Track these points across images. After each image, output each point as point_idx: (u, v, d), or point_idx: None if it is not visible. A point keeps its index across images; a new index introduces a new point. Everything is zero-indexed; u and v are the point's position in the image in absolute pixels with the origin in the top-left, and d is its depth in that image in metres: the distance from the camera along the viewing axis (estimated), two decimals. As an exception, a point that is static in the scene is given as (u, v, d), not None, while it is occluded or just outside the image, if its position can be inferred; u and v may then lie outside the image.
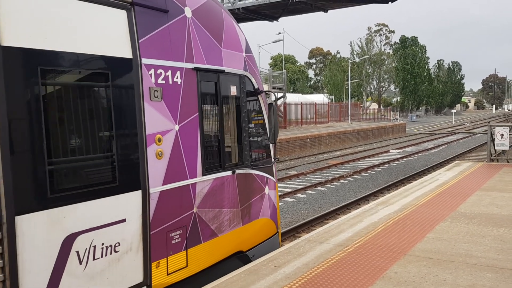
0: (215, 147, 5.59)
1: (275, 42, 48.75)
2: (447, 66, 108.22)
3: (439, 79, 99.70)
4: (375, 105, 76.28)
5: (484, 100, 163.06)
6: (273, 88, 34.29)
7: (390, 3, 25.96)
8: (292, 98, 49.74)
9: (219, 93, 5.57)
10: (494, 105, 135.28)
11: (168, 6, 4.85)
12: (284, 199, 14.22)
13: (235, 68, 5.90)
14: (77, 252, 3.92)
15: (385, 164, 22.64)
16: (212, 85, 5.50)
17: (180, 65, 4.97)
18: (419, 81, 79.49)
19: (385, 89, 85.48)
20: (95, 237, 4.06)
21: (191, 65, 5.12)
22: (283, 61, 60.40)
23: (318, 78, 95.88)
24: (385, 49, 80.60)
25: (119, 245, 4.28)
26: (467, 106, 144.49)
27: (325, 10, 28.10)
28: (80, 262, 3.95)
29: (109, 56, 4.21)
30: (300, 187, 15.87)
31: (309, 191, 15.53)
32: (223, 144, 5.65)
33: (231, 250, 5.84)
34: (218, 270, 5.52)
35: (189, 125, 5.02)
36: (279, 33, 50.23)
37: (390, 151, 28.82)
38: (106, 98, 4.23)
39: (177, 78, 4.91)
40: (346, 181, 17.68)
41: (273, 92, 6.31)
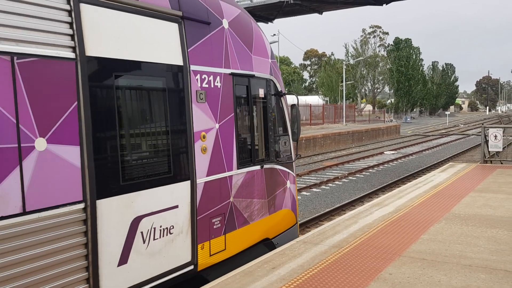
0: (247, 143, 6.23)
1: (270, 43, 48.76)
2: (441, 68, 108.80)
3: (433, 81, 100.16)
4: (369, 107, 76.51)
5: (477, 101, 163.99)
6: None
7: (384, 5, 26.07)
8: (287, 99, 49.66)
9: (250, 95, 6.23)
10: (487, 107, 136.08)
11: (209, 19, 5.47)
12: (279, 200, 14.20)
13: (262, 73, 6.54)
14: (141, 233, 4.55)
15: (379, 165, 22.71)
16: (244, 88, 6.14)
17: (220, 70, 5.61)
18: (413, 83, 79.81)
19: (379, 90, 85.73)
20: (155, 220, 4.70)
21: (228, 71, 5.77)
22: (278, 63, 60.50)
23: (313, 79, 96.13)
24: (379, 51, 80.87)
25: (173, 228, 4.92)
26: (461, 108, 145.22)
27: (320, 12, 28.19)
28: (144, 241, 4.58)
29: (165, 63, 4.85)
30: (295, 188, 15.87)
31: (304, 193, 15.55)
32: (253, 141, 6.30)
33: (260, 237, 6.49)
34: (249, 255, 6.16)
35: (226, 124, 5.69)
36: (274, 34, 50.39)
37: (385, 152, 28.92)
38: (163, 100, 4.87)
39: (217, 82, 5.57)
40: (340, 183, 17.72)
41: (295, 94, 7.19)
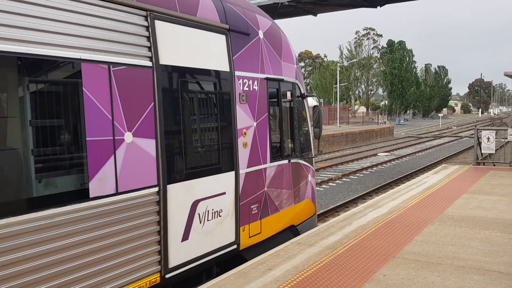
0: (277, 140, 7.02)
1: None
2: (434, 70, 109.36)
3: (426, 83, 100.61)
4: (363, 109, 76.73)
5: (470, 104, 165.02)
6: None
7: (378, 7, 26.18)
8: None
9: (279, 97, 7.00)
10: (480, 109, 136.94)
11: (249, 30, 6.31)
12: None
13: (290, 77, 7.33)
14: (198, 214, 5.32)
15: (373, 167, 22.77)
16: (275, 91, 6.91)
17: (257, 75, 6.42)
18: (406, 85, 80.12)
19: (373, 92, 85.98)
20: (209, 204, 5.46)
21: (263, 76, 6.57)
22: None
23: (307, 81, 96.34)
24: (373, 53, 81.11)
25: (221, 211, 5.69)
26: (454, 110, 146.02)
27: (314, 14, 28.24)
28: (200, 222, 5.35)
29: (216, 70, 5.66)
30: (289, 190, 15.87)
31: (298, 194, 15.53)
32: (282, 138, 7.09)
33: (287, 224, 7.25)
34: (278, 239, 6.87)
35: (262, 122, 6.47)
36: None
37: (378, 154, 29.02)
38: (215, 102, 5.66)
39: (255, 86, 6.37)
40: (334, 184, 17.75)
41: (316, 96, 7.79)
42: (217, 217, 5.62)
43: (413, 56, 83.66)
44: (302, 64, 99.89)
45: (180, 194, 5.05)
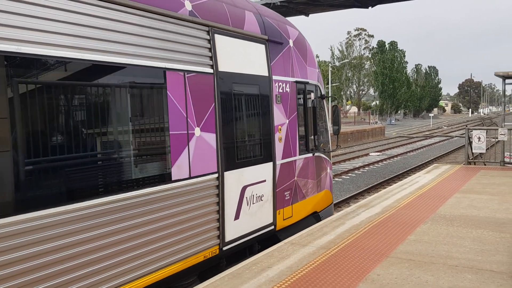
0: (303, 135, 7.90)
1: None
2: (425, 71, 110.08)
3: (417, 83, 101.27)
4: (354, 109, 77.03)
5: (460, 104, 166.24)
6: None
7: (370, 8, 26.29)
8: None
9: (305, 98, 7.95)
10: (470, 109, 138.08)
11: (282, 40, 7.26)
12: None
13: (313, 80, 8.28)
14: (246, 198, 6.26)
15: (365, 166, 22.86)
16: (302, 93, 7.86)
17: (288, 79, 7.35)
18: (397, 85, 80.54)
19: (364, 93, 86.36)
20: (253, 190, 6.42)
21: (293, 79, 7.51)
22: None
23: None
24: (364, 53, 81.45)
25: (263, 196, 6.63)
26: (444, 110, 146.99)
27: (306, 14, 28.31)
28: (247, 204, 6.29)
29: (259, 75, 6.61)
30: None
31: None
32: (307, 134, 7.99)
33: (311, 210, 8.20)
34: (304, 223, 7.81)
35: (292, 120, 7.41)
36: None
37: (370, 154, 29.13)
38: (258, 102, 6.62)
39: (287, 88, 7.29)
40: (327, 184, 17.75)
41: (335, 97, 8.63)
42: (259, 201, 6.59)
43: (405, 56, 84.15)
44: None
45: (233, 180, 6.03)
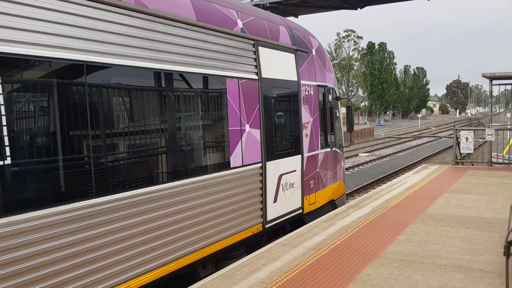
0: (323, 132, 9.09)
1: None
2: (413, 72, 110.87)
3: (406, 84, 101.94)
4: (343, 110, 77.31)
5: (448, 104, 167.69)
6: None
7: (359, 9, 26.43)
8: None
9: (324, 100, 9.19)
10: (457, 110, 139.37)
11: (307, 49, 8.54)
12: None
13: (330, 84, 9.56)
14: (282, 184, 7.42)
15: (354, 167, 22.95)
16: (322, 95, 9.07)
17: (312, 83, 8.60)
18: (386, 86, 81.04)
19: (353, 93, 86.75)
20: (287, 178, 7.58)
21: (316, 83, 8.79)
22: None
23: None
24: (353, 55, 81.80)
25: (294, 184, 7.80)
26: (432, 111, 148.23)
27: (296, 16, 28.35)
28: (283, 190, 7.46)
29: (290, 80, 7.84)
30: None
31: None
32: (326, 131, 9.23)
33: (329, 198, 9.42)
34: (324, 209, 9.02)
35: (315, 118, 8.67)
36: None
37: (359, 154, 29.25)
38: (290, 103, 7.87)
39: (311, 91, 8.56)
40: (317, 185, 17.78)
41: (349, 98, 9.50)
42: (291, 188, 7.74)
43: (394, 58, 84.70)
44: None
45: (273, 169, 7.19)
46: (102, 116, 4.42)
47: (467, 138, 14.67)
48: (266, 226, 7.04)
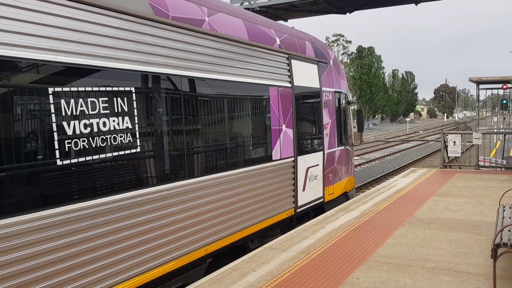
0: (339, 132, 10.35)
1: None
2: (401, 76, 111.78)
3: (394, 89, 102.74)
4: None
5: (436, 108, 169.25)
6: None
7: (348, 14, 26.60)
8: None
9: (340, 104, 10.54)
10: (445, 114, 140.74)
11: (326, 60, 9.95)
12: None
13: (344, 90, 10.90)
14: (308, 176, 8.75)
15: (343, 171, 22.97)
16: (338, 100, 10.41)
17: (330, 89, 9.98)
18: (375, 90, 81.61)
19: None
20: (312, 171, 8.90)
21: (333, 89, 10.14)
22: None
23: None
24: (342, 59, 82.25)
25: (317, 176, 9.12)
26: (420, 115, 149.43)
27: (285, 20, 28.42)
28: (309, 181, 8.78)
29: (314, 87, 9.23)
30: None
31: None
32: (341, 131, 10.50)
33: (343, 190, 10.70)
34: (339, 199, 10.29)
35: (333, 120, 10.00)
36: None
37: (349, 158, 29.30)
38: (314, 106, 9.30)
39: (330, 96, 9.93)
40: (306, 188, 17.78)
41: (359, 103, 11.17)
42: (315, 179, 9.04)
43: (382, 62, 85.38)
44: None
45: (302, 163, 8.48)
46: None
47: (454, 142, 14.81)
48: (297, 211, 8.35)
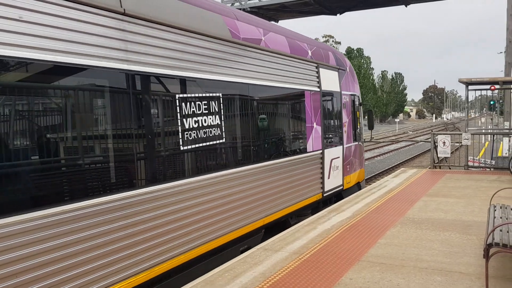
0: (354, 129, 12.00)
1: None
2: (391, 77, 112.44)
3: (383, 90, 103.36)
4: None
5: (425, 109, 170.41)
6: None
7: (338, 15, 26.70)
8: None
9: (354, 105, 12.15)
10: (434, 115, 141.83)
11: (344, 67, 11.57)
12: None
13: (357, 93, 12.57)
14: (332, 166, 10.27)
15: (334, 171, 23.03)
16: (352, 102, 12.04)
17: (348, 93, 11.65)
18: (364, 91, 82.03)
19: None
20: (335, 162, 10.47)
21: (350, 93, 11.83)
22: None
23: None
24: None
25: (338, 167, 10.71)
26: (409, 116, 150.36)
27: (276, 21, 28.44)
28: (332, 170, 10.31)
29: (335, 91, 10.86)
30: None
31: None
32: (355, 128, 12.13)
33: (357, 180, 12.35)
34: (354, 188, 11.96)
35: (350, 119, 11.65)
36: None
37: (339, 159, 29.38)
38: (336, 107, 10.92)
39: (347, 98, 11.57)
40: (297, 189, 17.78)
41: (370, 104, 13.66)
42: (337, 169, 10.60)
43: (371, 63, 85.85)
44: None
45: (327, 155, 10.06)
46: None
47: (444, 142, 14.93)
48: (324, 195, 9.94)
